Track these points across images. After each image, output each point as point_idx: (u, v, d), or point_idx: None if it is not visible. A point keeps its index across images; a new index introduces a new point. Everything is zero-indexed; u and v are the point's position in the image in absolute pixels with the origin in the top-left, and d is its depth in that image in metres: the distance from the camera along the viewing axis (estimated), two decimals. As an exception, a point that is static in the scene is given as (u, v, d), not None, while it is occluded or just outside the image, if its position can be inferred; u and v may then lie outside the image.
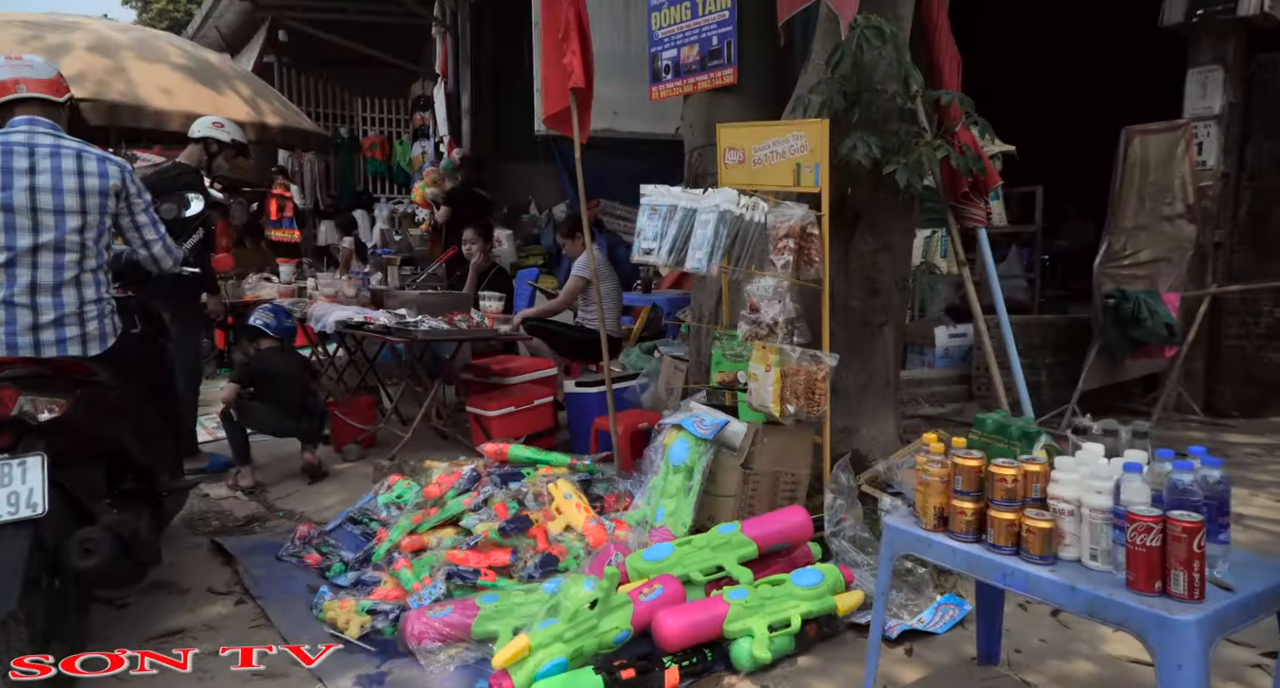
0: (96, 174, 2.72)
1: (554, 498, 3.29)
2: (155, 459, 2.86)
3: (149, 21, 25.69)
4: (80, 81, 6.26)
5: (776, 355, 3.03)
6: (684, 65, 4.03)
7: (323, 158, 12.76)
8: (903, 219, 3.54)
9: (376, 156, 13.27)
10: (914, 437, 5.02)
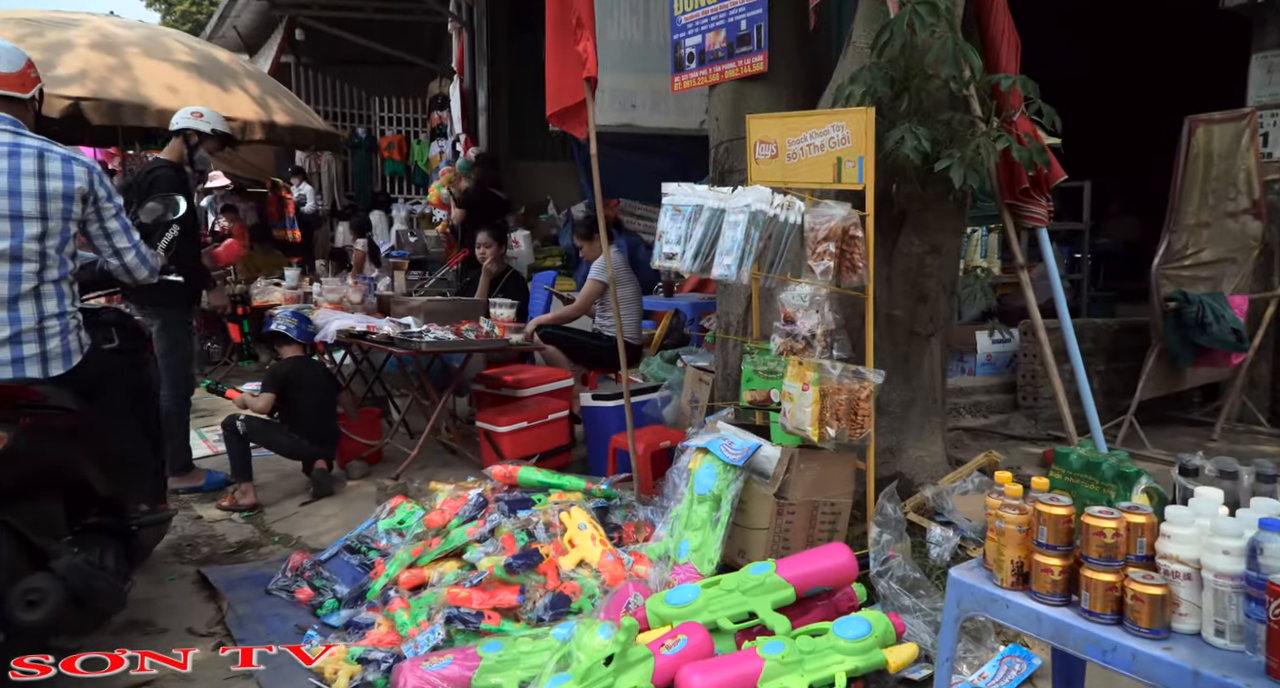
0: (60, 176, 2.45)
1: (567, 529, 2.98)
2: (125, 489, 2.59)
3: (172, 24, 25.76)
4: (81, 79, 6.05)
5: (815, 372, 2.71)
6: (709, 53, 3.70)
7: (340, 158, 12.60)
8: (953, 219, 3.20)
9: (394, 156, 13.10)
10: (960, 453, 4.68)
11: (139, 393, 2.98)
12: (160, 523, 2.75)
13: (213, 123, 4.15)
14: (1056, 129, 2.87)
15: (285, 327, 4.30)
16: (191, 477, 4.25)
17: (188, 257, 3.91)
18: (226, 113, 6.59)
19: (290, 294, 5.33)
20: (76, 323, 2.50)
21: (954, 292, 3.45)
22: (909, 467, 3.45)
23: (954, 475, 3.39)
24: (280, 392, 4.11)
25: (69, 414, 2.32)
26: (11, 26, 6.26)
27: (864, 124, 2.66)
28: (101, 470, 2.46)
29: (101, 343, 2.92)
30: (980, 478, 3.33)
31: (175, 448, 4.14)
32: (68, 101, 5.88)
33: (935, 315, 3.32)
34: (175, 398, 4.02)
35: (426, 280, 5.92)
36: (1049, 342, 3.54)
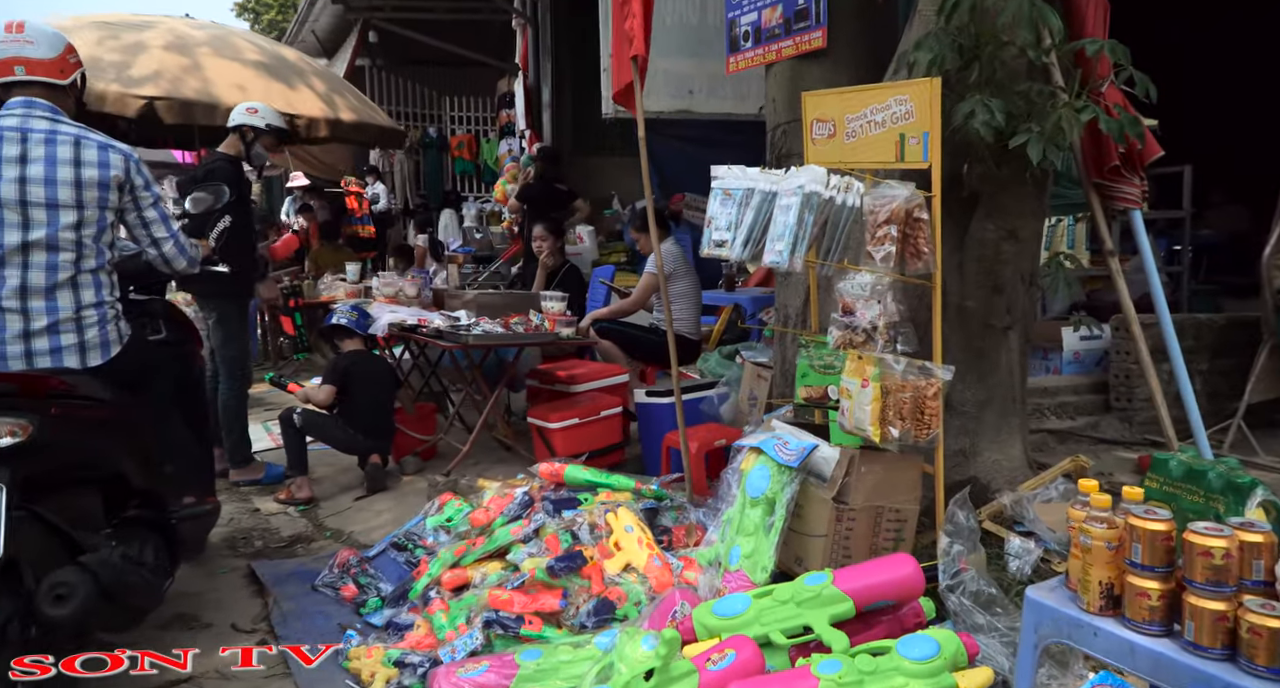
0: (96, 164, 2.43)
1: (613, 531, 2.85)
2: (167, 482, 2.56)
3: (260, 32, 26.70)
4: (155, 80, 6.21)
5: (876, 367, 2.50)
6: (765, 30, 3.51)
7: (412, 158, 12.78)
8: (1032, 201, 2.93)
9: (464, 155, 13.23)
10: (1044, 457, 4.37)
11: (185, 385, 2.97)
12: (202, 516, 2.72)
13: (268, 118, 4.16)
14: (1151, 99, 2.58)
15: (345, 319, 4.30)
16: (251, 469, 4.27)
17: (241, 249, 3.93)
18: (292, 110, 6.71)
19: (352, 289, 5.35)
20: (115, 313, 2.48)
21: (1034, 282, 3.18)
22: (984, 471, 3.19)
23: (1035, 481, 3.12)
24: (340, 385, 4.09)
25: (104, 405, 2.29)
26: (90, 29, 6.46)
27: (929, 96, 2.44)
28: (140, 463, 2.44)
29: (147, 334, 2.92)
30: (1065, 485, 3.06)
31: (234, 441, 4.17)
32: (142, 101, 6.03)
33: (1013, 307, 3.06)
34: (232, 390, 4.04)
35: (481, 274, 5.86)
36: (1145, 338, 3.23)
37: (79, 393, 2.20)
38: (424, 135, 12.89)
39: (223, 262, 3.88)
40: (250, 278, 4.02)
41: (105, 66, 6.10)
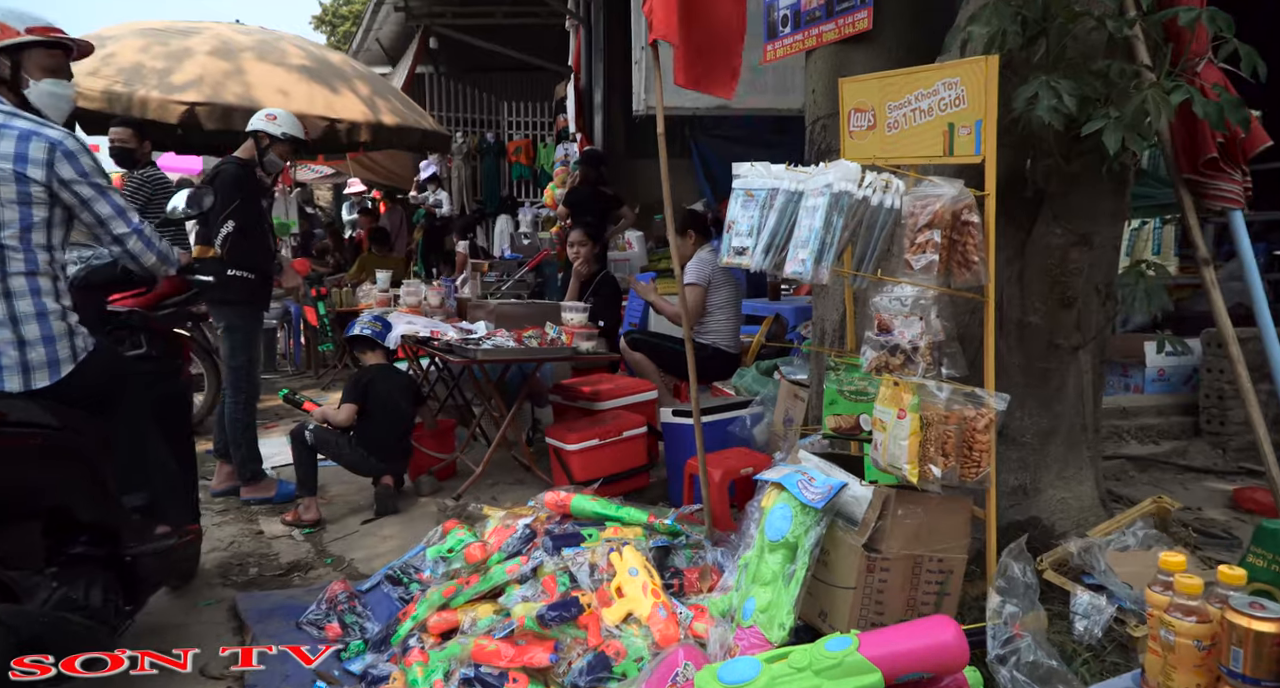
0: (12, 156, 2.19)
1: (616, 573, 2.53)
2: (121, 513, 2.34)
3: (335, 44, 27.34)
4: (198, 85, 6.17)
5: (914, 395, 2.13)
6: (805, 13, 3.16)
7: (470, 164, 12.74)
8: (1109, 201, 2.51)
9: (521, 160, 13.13)
10: (1123, 488, 3.89)
11: (166, 405, 2.76)
12: (171, 549, 2.49)
13: (284, 126, 4.00)
14: (1260, 79, 2.16)
15: (371, 331, 4.10)
16: (262, 487, 4.10)
17: (251, 254, 3.76)
18: (334, 114, 6.61)
19: (381, 296, 5.17)
20: (67, 327, 2.26)
21: (1111, 295, 2.75)
22: (1048, 511, 2.78)
23: (1109, 524, 2.70)
24: (361, 403, 3.88)
25: (42, 432, 2.08)
26: (134, 36, 6.48)
27: (983, 78, 2.07)
28: (91, 494, 2.23)
29: (123, 349, 2.73)
30: (1145, 529, 2.63)
31: (241, 457, 4.00)
32: (184, 107, 6.00)
33: (1085, 324, 2.64)
34: (238, 404, 3.87)
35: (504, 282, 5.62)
36: (1242, 355, 2.76)
37: (9, 420, 1.99)
38: (481, 141, 12.84)
39: (231, 267, 3.72)
40: (263, 285, 3.85)
41: (148, 73, 6.09)
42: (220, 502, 4.11)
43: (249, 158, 3.94)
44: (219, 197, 3.63)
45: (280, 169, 4.07)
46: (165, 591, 3.00)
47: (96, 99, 5.72)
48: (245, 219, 3.69)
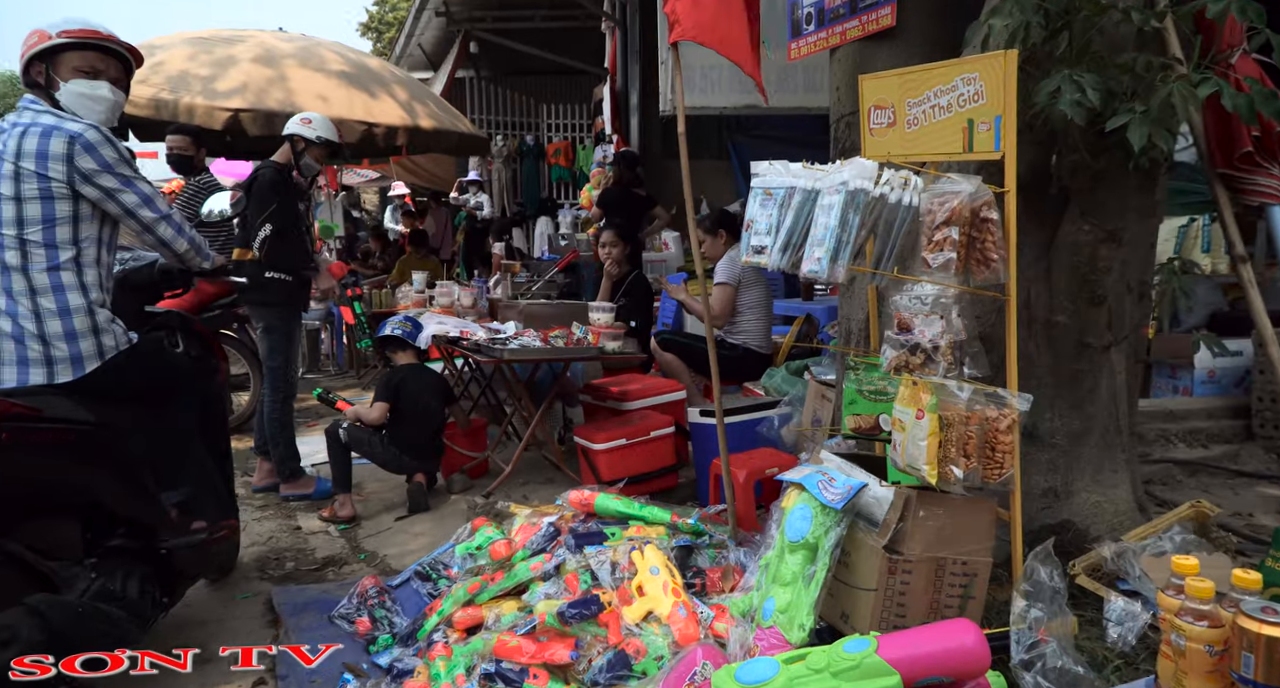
0: (34, 153, 2.26)
1: (637, 572, 2.54)
2: (158, 508, 2.41)
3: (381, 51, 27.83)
4: (241, 92, 6.33)
5: (932, 395, 2.10)
6: (829, 10, 3.14)
7: (510, 166, 12.87)
8: (1138, 196, 2.45)
9: (560, 162, 13.24)
10: (1169, 493, 3.78)
11: (204, 403, 2.84)
12: (195, 547, 2.56)
13: (319, 130, 4.09)
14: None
15: (403, 332, 4.17)
16: (301, 483, 4.20)
17: (288, 257, 3.85)
18: (371, 119, 6.73)
19: (417, 297, 5.25)
20: (91, 323, 2.32)
21: (1145, 292, 2.69)
22: (1081, 514, 2.72)
23: (1145, 529, 2.63)
24: (393, 401, 3.96)
25: (81, 428, 2.16)
26: (183, 45, 6.67)
27: (1002, 72, 2.03)
28: (125, 488, 2.31)
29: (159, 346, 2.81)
30: (1184, 534, 2.56)
31: (280, 454, 4.10)
32: (229, 113, 6.16)
33: (1116, 321, 2.58)
34: (275, 403, 3.97)
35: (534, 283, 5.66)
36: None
37: (42, 415, 2.07)
38: (521, 144, 12.97)
39: (269, 270, 3.82)
40: (301, 287, 3.94)
41: (193, 80, 6.26)
42: (260, 498, 4.22)
43: (286, 162, 4.04)
44: (256, 200, 3.73)
45: (316, 172, 4.16)
46: (204, 583, 3.09)
47: (144, 106, 5.90)
48: (282, 222, 3.79)
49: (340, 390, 6.48)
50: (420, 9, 11.58)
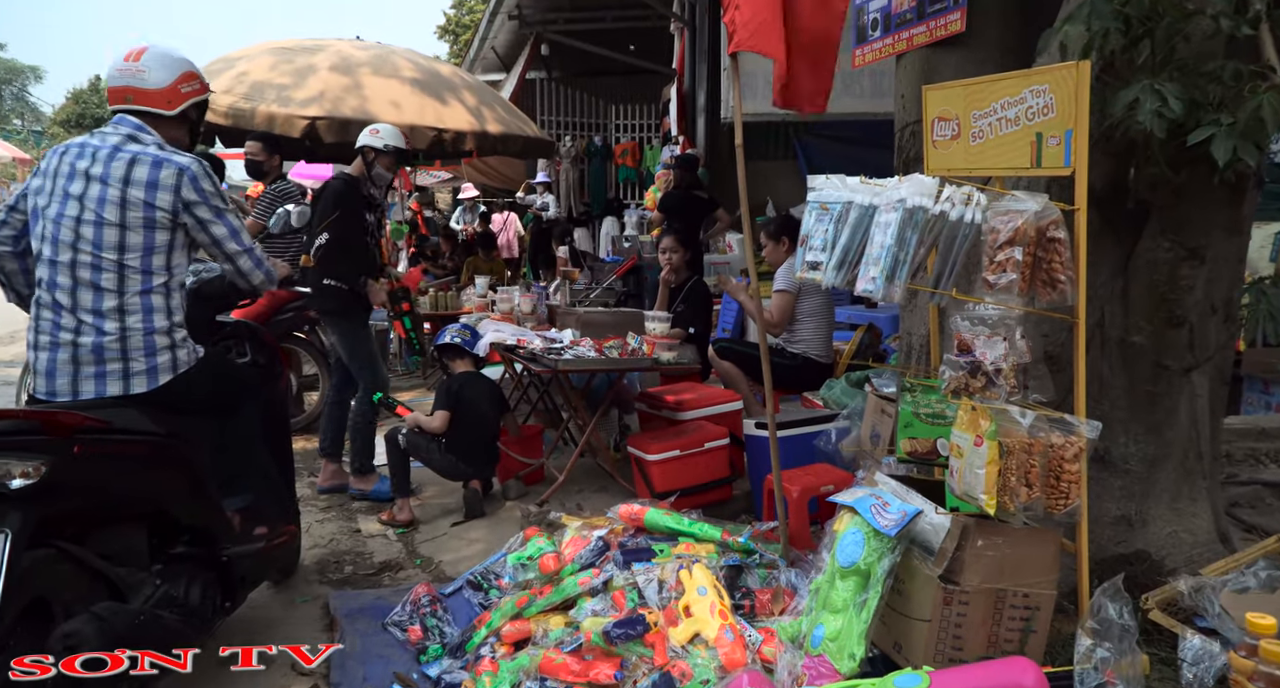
0: (144, 182, 2.37)
1: (684, 591, 2.51)
2: (221, 517, 2.48)
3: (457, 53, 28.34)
4: (319, 100, 6.49)
5: (991, 422, 2.01)
6: (896, 15, 3.04)
7: (578, 167, 12.94)
8: (1224, 211, 2.30)
9: (628, 163, 13.23)
10: (1258, 517, 3.56)
11: (267, 410, 2.92)
12: (256, 555, 2.63)
13: (387, 138, 4.16)
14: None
15: (456, 338, 4.20)
16: (367, 480, 4.30)
17: (347, 264, 3.94)
18: (441, 124, 6.83)
19: (479, 302, 5.31)
20: (170, 342, 2.42)
21: (1231, 313, 2.52)
22: (1156, 545, 2.58)
23: (1226, 562, 2.48)
24: (453, 410, 4.00)
25: (145, 439, 2.24)
26: (266, 55, 6.89)
27: (1073, 84, 1.93)
28: (191, 498, 2.38)
29: (231, 358, 2.90)
30: (1270, 570, 2.39)
31: (355, 449, 4.24)
32: (306, 121, 6.33)
33: (1198, 344, 2.43)
34: (360, 400, 4.10)
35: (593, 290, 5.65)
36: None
37: (115, 427, 2.15)
38: (589, 144, 13.02)
39: (326, 277, 3.92)
40: (357, 295, 4.02)
41: (271, 89, 6.46)
42: (324, 500, 4.33)
43: (359, 174, 4.13)
44: (320, 210, 3.82)
45: (389, 181, 4.25)
46: (268, 585, 3.18)
47: (224, 115, 6.11)
48: (342, 232, 3.87)
49: (406, 391, 6.60)
50: (494, 12, 11.73)
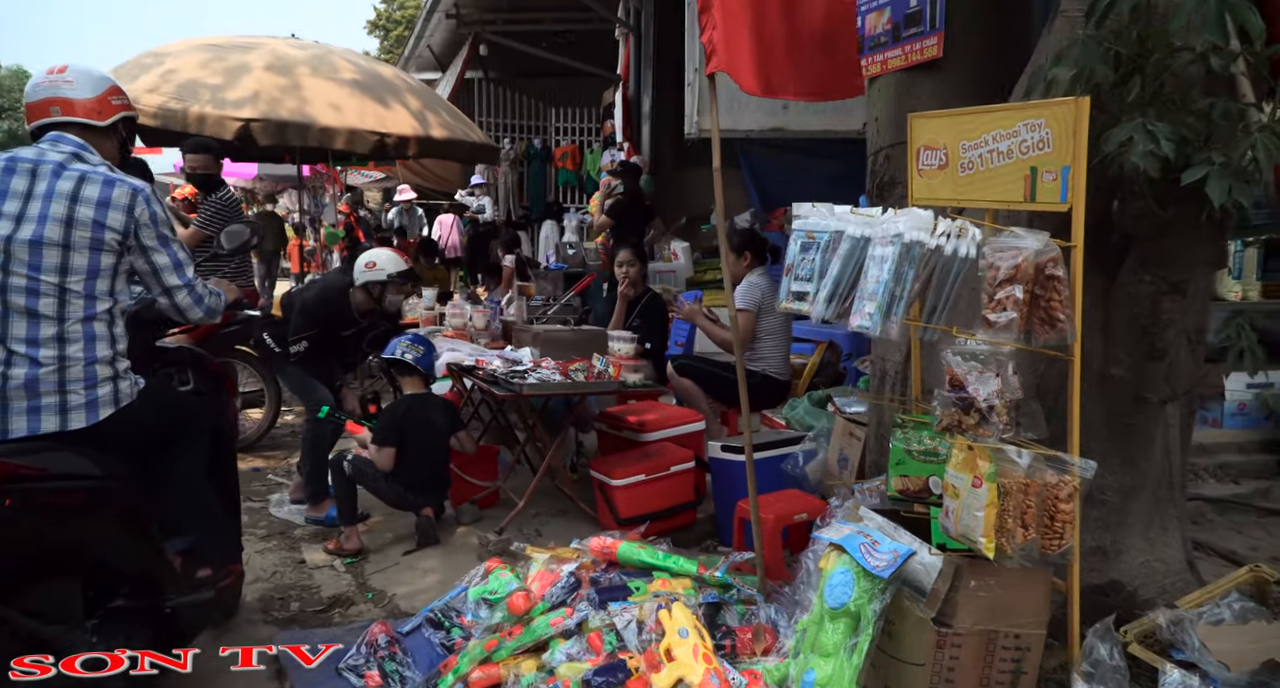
0: (95, 201, 2.19)
1: (665, 633, 2.41)
2: (165, 564, 2.29)
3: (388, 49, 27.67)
4: (253, 101, 6.18)
5: (990, 463, 1.97)
6: (869, 38, 3.01)
7: (517, 169, 12.73)
8: (1207, 247, 2.33)
9: (567, 166, 13.09)
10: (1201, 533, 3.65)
11: (209, 443, 2.71)
12: (200, 605, 2.43)
13: (388, 267, 4.08)
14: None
15: (412, 357, 3.92)
16: (320, 506, 4.08)
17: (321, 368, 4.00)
18: (384, 128, 6.59)
19: (427, 315, 5.11)
20: (113, 372, 2.22)
21: (1201, 341, 2.55)
22: (1130, 575, 2.59)
23: (1200, 594, 2.50)
24: (399, 444, 3.75)
25: (88, 484, 2.03)
26: (196, 52, 6.53)
27: (1072, 121, 1.90)
28: (132, 545, 2.20)
29: (173, 386, 2.70)
30: (1242, 601, 2.43)
31: (305, 474, 4.04)
32: (239, 123, 6.01)
33: (1173, 375, 2.45)
34: (310, 423, 3.92)
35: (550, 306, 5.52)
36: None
37: (51, 473, 1.94)
38: (528, 147, 12.84)
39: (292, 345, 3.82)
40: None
41: (205, 89, 6.12)
42: (264, 526, 4.09)
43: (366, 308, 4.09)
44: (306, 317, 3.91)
45: (401, 304, 4.23)
46: (207, 630, 2.95)
47: (152, 115, 5.77)
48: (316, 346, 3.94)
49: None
50: (431, 11, 11.45)
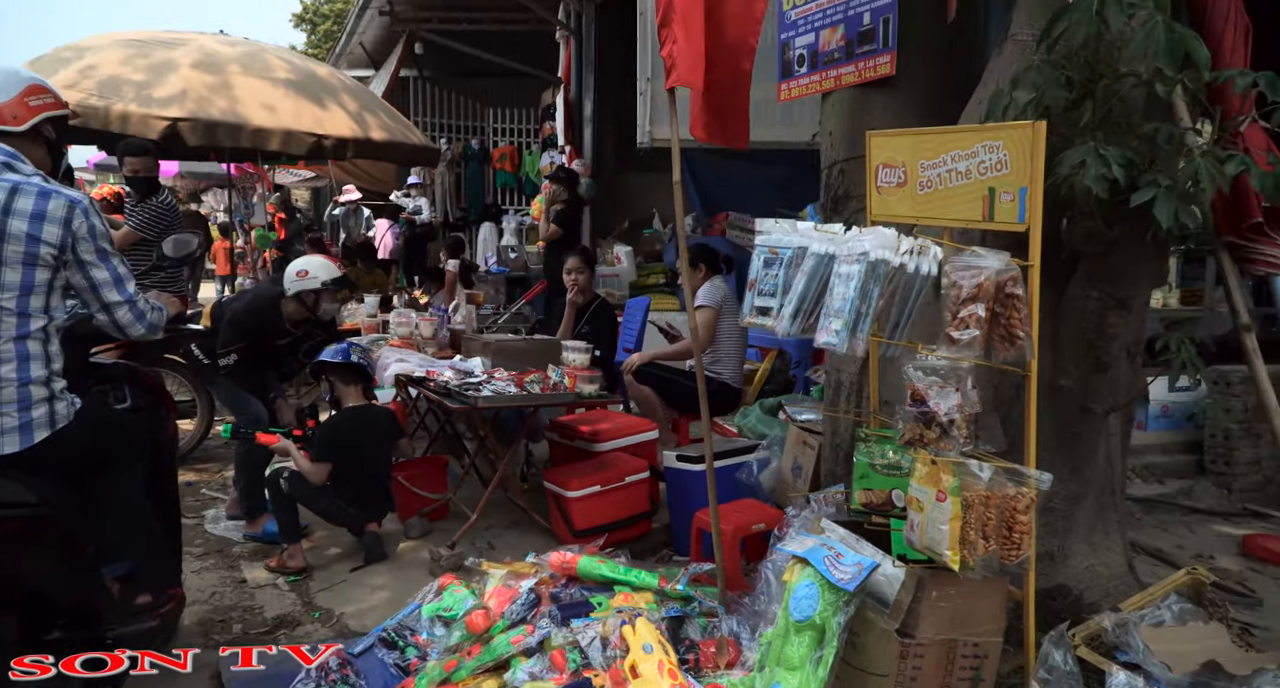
0: (28, 214, 2.08)
1: (629, 649, 2.39)
2: (105, 593, 2.18)
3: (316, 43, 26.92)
4: (181, 100, 5.96)
5: (954, 477, 2.02)
6: (823, 53, 3.05)
7: (454, 170, 12.54)
8: (1151, 264, 2.43)
9: (506, 167, 12.95)
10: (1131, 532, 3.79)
11: (149, 461, 2.59)
12: (142, 634, 2.32)
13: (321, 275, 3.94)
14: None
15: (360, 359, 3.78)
16: (256, 522, 3.94)
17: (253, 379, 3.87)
18: (321, 130, 6.42)
19: (369, 323, 4.98)
20: (48, 392, 2.10)
21: (1139, 353, 2.66)
22: (1076, 579, 2.69)
23: (1142, 597, 2.61)
24: (335, 461, 3.61)
25: (24, 513, 1.92)
26: (116, 48, 6.25)
27: (1029, 144, 1.96)
28: (69, 575, 2.08)
29: (109, 404, 2.57)
30: (1181, 603, 2.54)
31: (240, 490, 3.89)
32: (166, 123, 5.78)
33: (1115, 387, 2.55)
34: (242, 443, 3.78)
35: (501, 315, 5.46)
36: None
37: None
38: (465, 148, 12.66)
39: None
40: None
41: (129, 86, 5.86)
42: (200, 544, 3.94)
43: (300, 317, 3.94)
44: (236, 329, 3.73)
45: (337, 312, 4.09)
46: (145, 656, 2.83)
47: (70, 112, 5.48)
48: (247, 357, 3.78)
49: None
50: (364, 7, 11.19)
